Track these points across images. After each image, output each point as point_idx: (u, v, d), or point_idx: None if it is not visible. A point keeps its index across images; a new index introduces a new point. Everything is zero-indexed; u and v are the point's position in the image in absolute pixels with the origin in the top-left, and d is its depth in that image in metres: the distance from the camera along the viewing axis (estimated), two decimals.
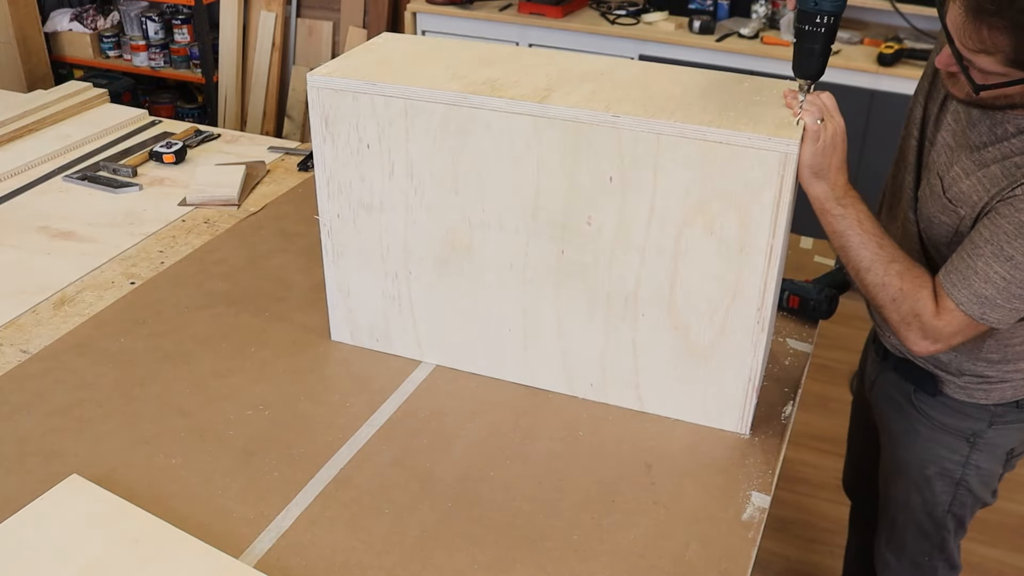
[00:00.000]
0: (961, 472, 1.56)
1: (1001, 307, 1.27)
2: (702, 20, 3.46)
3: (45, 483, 1.28)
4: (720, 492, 1.30)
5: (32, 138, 2.35)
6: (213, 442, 1.38)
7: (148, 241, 1.92)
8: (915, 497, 1.63)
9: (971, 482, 1.57)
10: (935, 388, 1.52)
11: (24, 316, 1.67)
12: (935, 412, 1.54)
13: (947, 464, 1.57)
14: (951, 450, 1.55)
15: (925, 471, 1.59)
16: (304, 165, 2.25)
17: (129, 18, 4.28)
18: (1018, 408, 1.50)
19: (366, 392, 1.49)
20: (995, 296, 1.27)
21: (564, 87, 1.32)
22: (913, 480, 1.62)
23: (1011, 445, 1.54)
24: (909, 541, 1.69)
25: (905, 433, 1.60)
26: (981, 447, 1.53)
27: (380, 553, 1.19)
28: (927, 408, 1.55)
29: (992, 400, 1.49)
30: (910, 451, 1.60)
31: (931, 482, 1.60)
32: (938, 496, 1.60)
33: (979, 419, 1.51)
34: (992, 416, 1.50)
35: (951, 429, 1.54)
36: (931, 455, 1.57)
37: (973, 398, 1.49)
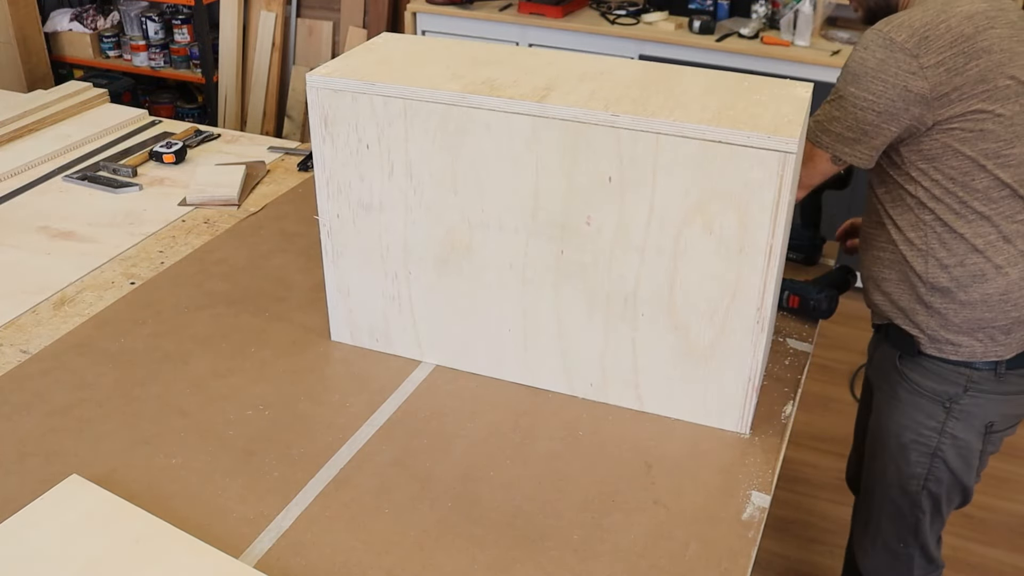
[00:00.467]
0: (937, 440, 1.60)
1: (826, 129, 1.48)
2: (702, 20, 3.46)
3: (45, 483, 1.28)
4: (720, 492, 1.30)
5: (32, 138, 2.35)
6: (213, 442, 1.38)
7: (148, 241, 1.92)
8: (891, 469, 1.67)
9: (947, 453, 1.60)
10: (914, 348, 1.58)
11: (24, 316, 1.67)
12: (915, 375, 1.60)
13: (923, 431, 1.61)
14: (927, 415, 1.60)
15: (901, 439, 1.64)
16: (304, 165, 2.25)
17: (129, 18, 4.28)
18: (996, 377, 1.54)
19: (366, 392, 1.49)
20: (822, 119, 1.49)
21: (563, 87, 1.32)
22: (890, 450, 1.66)
23: (989, 418, 1.58)
24: (884, 522, 1.72)
25: (888, 401, 1.66)
26: (957, 414, 1.58)
27: (380, 553, 1.19)
28: (908, 371, 1.61)
29: (962, 357, 1.54)
30: (890, 419, 1.66)
31: (906, 450, 1.64)
32: (913, 467, 1.64)
33: (955, 383, 1.56)
34: (968, 381, 1.55)
35: (928, 393, 1.59)
36: (909, 420, 1.63)
37: (944, 353, 1.55)
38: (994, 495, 2.60)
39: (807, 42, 3.36)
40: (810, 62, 3.31)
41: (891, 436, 1.66)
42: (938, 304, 1.54)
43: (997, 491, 2.61)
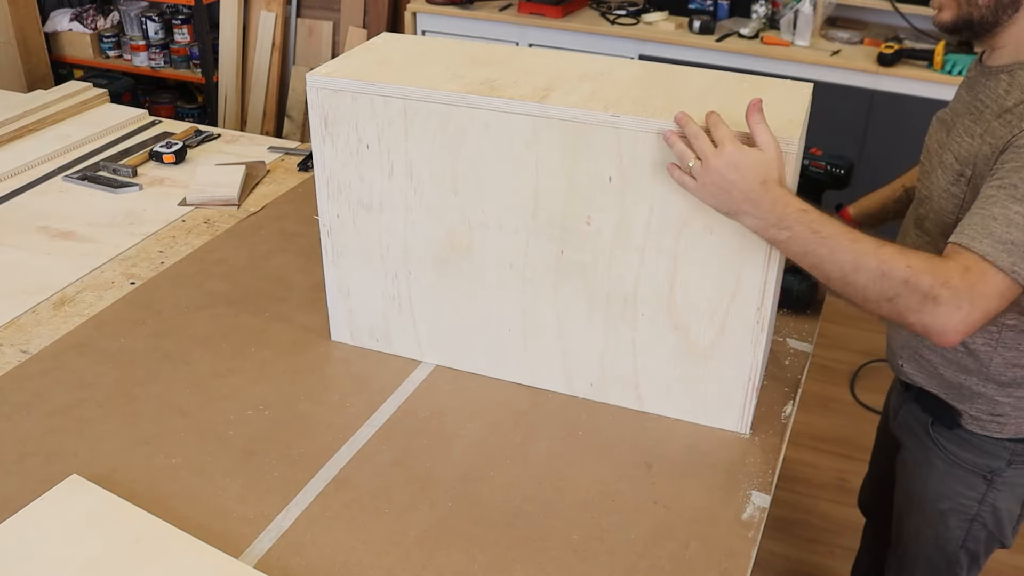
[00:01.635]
0: (977, 509, 1.50)
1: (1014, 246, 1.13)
2: (702, 20, 3.46)
3: (45, 483, 1.28)
4: (720, 492, 1.30)
5: (32, 138, 2.35)
6: (213, 442, 1.38)
7: (148, 241, 1.92)
8: (927, 531, 1.58)
9: (986, 519, 1.52)
10: (952, 420, 1.46)
11: (24, 316, 1.67)
12: (952, 445, 1.49)
13: (962, 500, 1.51)
14: (967, 486, 1.49)
15: (940, 505, 1.54)
16: (304, 165, 2.25)
17: (129, 18, 4.29)
18: None
19: (366, 392, 1.49)
20: (1020, 238, 1.12)
21: (563, 87, 1.32)
22: (926, 514, 1.57)
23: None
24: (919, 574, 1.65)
25: (921, 466, 1.55)
26: (999, 486, 1.47)
27: (380, 553, 1.19)
28: (944, 441, 1.49)
29: (1007, 435, 1.43)
30: (926, 484, 1.55)
31: (945, 517, 1.54)
32: (952, 531, 1.55)
33: (998, 456, 1.45)
34: (1012, 454, 1.44)
35: (968, 465, 1.48)
36: (947, 490, 1.52)
37: (987, 431, 1.44)
38: None
39: (807, 42, 3.36)
40: (810, 62, 3.31)
41: (927, 502, 1.56)
42: (992, 393, 1.40)
43: None
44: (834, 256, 1.12)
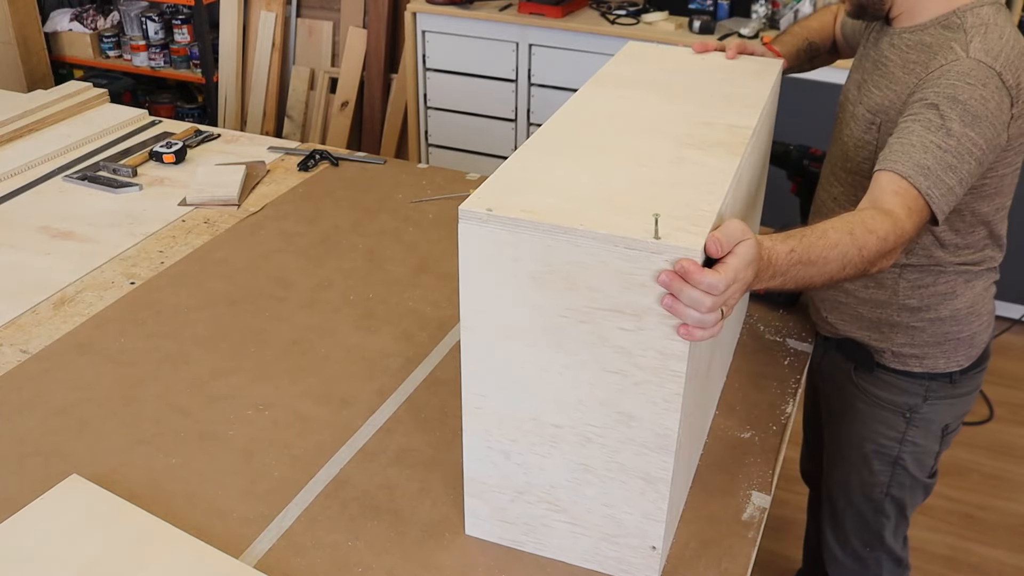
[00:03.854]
0: (898, 449, 1.60)
1: (940, 181, 1.25)
2: (702, 20, 3.46)
3: (45, 483, 1.28)
4: (720, 492, 1.30)
5: (32, 138, 2.35)
6: (213, 442, 1.38)
7: (148, 241, 1.92)
8: (854, 478, 1.67)
9: (907, 460, 1.61)
10: (873, 363, 1.57)
11: (24, 316, 1.67)
12: (873, 388, 1.59)
13: (884, 441, 1.61)
14: (888, 426, 1.59)
15: (863, 449, 1.63)
16: (304, 165, 2.25)
17: (129, 18, 4.28)
18: (951, 383, 1.55)
19: (366, 391, 1.49)
20: (935, 166, 1.25)
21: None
22: (852, 461, 1.66)
23: (945, 421, 1.59)
24: (850, 529, 1.72)
25: (845, 412, 1.64)
26: (917, 423, 1.58)
27: (380, 553, 1.19)
28: (865, 384, 1.60)
29: (925, 368, 1.54)
30: (850, 429, 1.65)
31: (869, 460, 1.63)
32: (876, 476, 1.64)
33: (914, 394, 1.56)
34: (926, 391, 1.55)
35: (888, 405, 1.58)
36: (869, 432, 1.61)
37: (907, 366, 1.54)
38: (994, 495, 2.60)
39: None
40: None
41: (852, 447, 1.65)
42: (907, 321, 1.52)
43: (997, 491, 2.61)
44: (824, 271, 1.16)
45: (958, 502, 2.58)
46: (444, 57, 3.79)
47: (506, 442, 1.14)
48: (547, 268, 1.00)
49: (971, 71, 1.28)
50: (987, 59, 1.29)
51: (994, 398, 3.01)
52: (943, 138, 1.26)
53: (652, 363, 1.01)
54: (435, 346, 1.61)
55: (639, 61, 1.50)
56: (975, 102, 1.27)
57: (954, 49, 1.32)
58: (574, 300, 1.01)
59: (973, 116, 1.26)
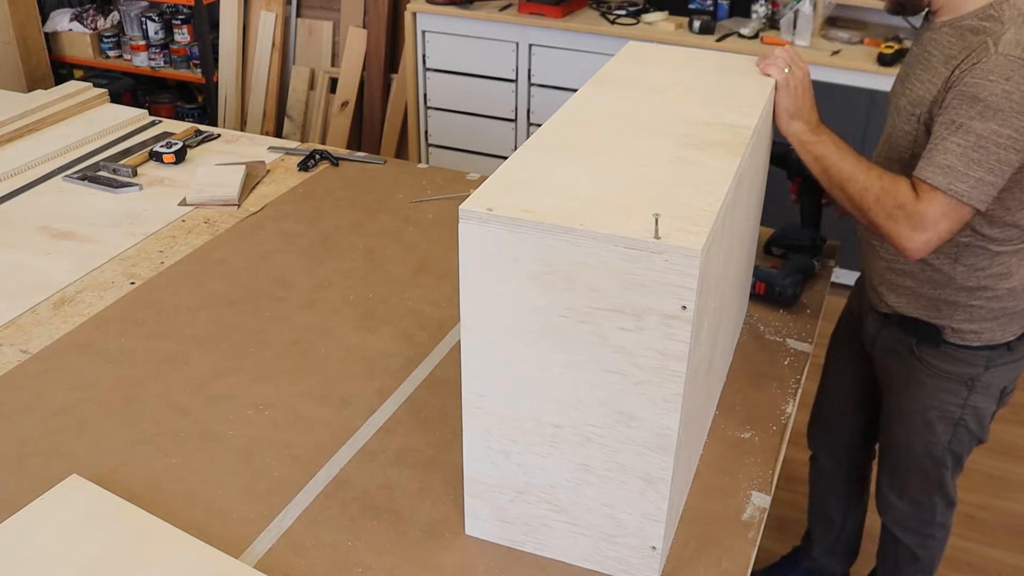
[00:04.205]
0: (960, 413, 1.69)
1: (964, 175, 1.36)
2: (702, 20, 3.46)
3: (45, 483, 1.28)
4: (720, 492, 1.30)
5: (32, 138, 2.35)
6: (213, 442, 1.38)
7: (148, 241, 1.92)
8: (917, 440, 1.75)
9: (968, 421, 1.70)
10: (937, 338, 1.64)
11: (24, 316, 1.67)
12: (936, 361, 1.66)
13: (948, 408, 1.69)
14: (952, 394, 1.67)
15: (927, 415, 1.71)
16: (304, 165, 2.25)
17: (129, 18, 4.28)
18: (1009, 350, 1.64)
19: (366, 391, 1.49)
20: (955, 163, 1.36)
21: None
22: (915, 425, 1.73)
23: (1003, 384, 1.69)
24: (911, 481, 1.81)
25: (908, 382, 1.72)
26: (979, 389, 1.66)
27: (380, 553, 1.19)
28: (929, 358, 1.67)
29: (984, 342, 1.62)
30: (914, 398, 1.72)
31: (932, 425, 1.71)
32: (939, 436, 1.72)
33: (976, 364, 1.64)
34: (987, 360, 1.64)
35: (952, 376, 1.66)
36: (934, 400, 1.69)
37: (966, 341, 1.62)
38: (994, 495, 2.60)
39: (807, 42, 3.36)
40: (810, 62, 3.30)
41: (915, 414, 1.73)
42: (965, 300, 1.59)
43: (997, 491, 2.61)
44: (839, 164, 1.46)
45: (958, 502, 2.58)
46: (444, 57, 3.79)
47: (506, 442, 1.14)
48: (547, 268, 1.00)
49: (995, 67, 1.34)
50: (1016, 51, 1.34)
51: None
52: (961, 136, 1.37)
53: (652, 363, 1.01)
54: (435, 346, 1.61)
55: (639, 61, 1.50)
56: (995, 97, 1.34)
57: (986, 44, 1.37)
58: (574, 300, 1.01)
59: (994, 111, 1.34)
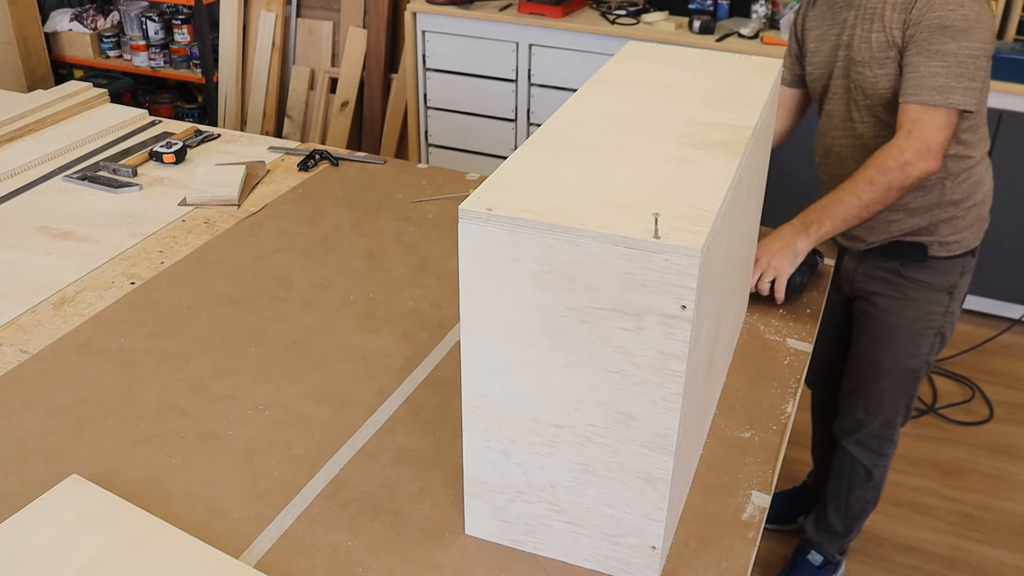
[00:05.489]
0: (941, 322, 1.89)
1: (954, 88, 1.61)
2: (702, 20, 3.46)
3: (45, 483, 1.28)
4: (720, 492, 1.30)
5: (32, 138, 2.35)
6: (213, 442, 1.38)
7: (148, 241, 1.92)
8: (902, 356, 1.92)
9: (946, 328, 1.91)
10: (923, 254, 1.84)
11: (24, 316, 1.67)
12: (922, 276, 1.86)
13: (933, 318, 1.88)
14: (936, 303, 1.87)
15: (914, 328, 1.89)
16: (304, 165, 2.25)
17: (129, 18, 4.28)
18: (973, 256, 1.87)
19: (366, 391, 1.49)
20: (946, 82, 1.61)
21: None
22: (903, 342, 1.91)
23: (966, 288, 1.90)
24: (887, 399, 1.98)
25: (895, 302, 1.89)
26: (956, 295, 1.88)
27: (380, 553, 1.19)
28: (915, 274, 1.86)
29: (963, 249, 1.83)
30: (901, 316, 1.90)
31: (918, 338, 1.90)
32: (922, 348, 1.91)
33: (954, 272, 1.85)
34: (962, 267, 1.85)
35: (936, 286, 1.86)
36: (921, 313, 1.88)
37: (951, 251, 1.83)
38: (994, 495, 2.60)
39: None
40: None
41: (902, 330, 1.90)
42: (952, 213, 1.79)
43: (997, 491, 2.61)
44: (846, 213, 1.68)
45: (958, 502, 2.58)
46: (444, 57, 3.79)
47: (506, 442, 1.14)
48: (547, 268, 1.00)
49: None
50: None
51: (994, 398, 3.01)
52: (941, 59, 1.61)
53: (652, 363, 1.01)
54: (435, 346, 1.61)
55: (639, 61, 1.50)
56: (960, 21, 1.59)
57: None
58: (574, 300, 1.01)
59: (963, 32, 1.59)
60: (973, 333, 3.21)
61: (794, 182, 3.19)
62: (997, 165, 3.24)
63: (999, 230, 2.50)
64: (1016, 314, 3.32)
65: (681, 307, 0.97)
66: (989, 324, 3.30)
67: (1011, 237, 3.18)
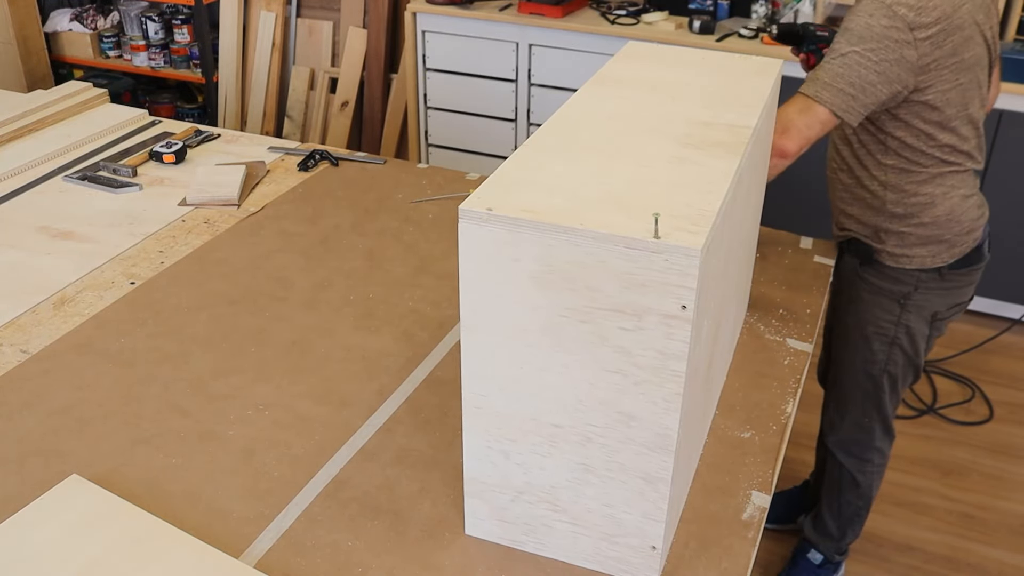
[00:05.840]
0: (894, 331, 1.89)
1: (828, 85, 1.63)
2: (702, 20, 3.46)
3: (45, 483, 1.28)
4: (720, 492, 1.30)
5: (32, 138, 2.35)
6: (213, 442, 1.38)
7: (148, 241, 1.92)
8: (857, 359, 1.96)
9: (902, 340, 1.90)
10: (871, 257, 1.86)
11: (24, 316, 1.67)
12: (873, 278, 1.88)
13: (882, 324, 1.90)
14: (885, 310, 1.89)
15: (865, 331, 1.92)
16: (304, 165, 2.25)
17: (129, 18, 4.28)
18: (940, 277, 1.83)
19: (366, 391, 1.49)
20: (823, 76, 1.64)
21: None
22: (855, 342, 1.95)
23: (935, 309, 1.88)
24: (851, 401, 2.01)
25: (851, 301, 1.94)
26: (910, 308, 1.87)
27: (380, 553, 1.19)
28: (868, 276, 1.89)
29: (915, 266, 1.83)
30: (855, 316, 1.94)
31: (870, 341, 1.92)
32: (876, 355, 1.93)
33: (907, 284, 1.85)
34: (917, 281, 1.84)
35: (886, 292, 1.87)
36: (870, 316, 1.91)
37: (900, 264, 1.83)
38: (994, 495, 2.60)
39: None
40: None
41: (855, 330, 1.94)
42: (897, 226, 1.81)
43: (997, 491, 2.61)
44: None
45: (958, 502, 2.58)
46: (444, 57, 3.79)
47: (506, 442, 1.14)
48: (547, 268, 1.00)
49: (864, 6, 1.62)
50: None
51: (994, 398, 3.01)
52: (831, 57, 1.64)
53: (652, 363, 1.01)
54: (435, 346, 1.61)
55: (639, 61, 1.50)
56: (861, 27, 1.61)
57: None
58: (574, 300, 1.01)
59: (859, 37, 1.61)
60: (973, 333, 3.21)
61: (794, 182, 3.19)
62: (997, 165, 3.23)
63: (999, 230, 2.49)
64: (1016, 314, 3.32)
65: (681, 307, 0.97)
66: (989, 324, 3.30)
67: (1011, 237, 3.18)
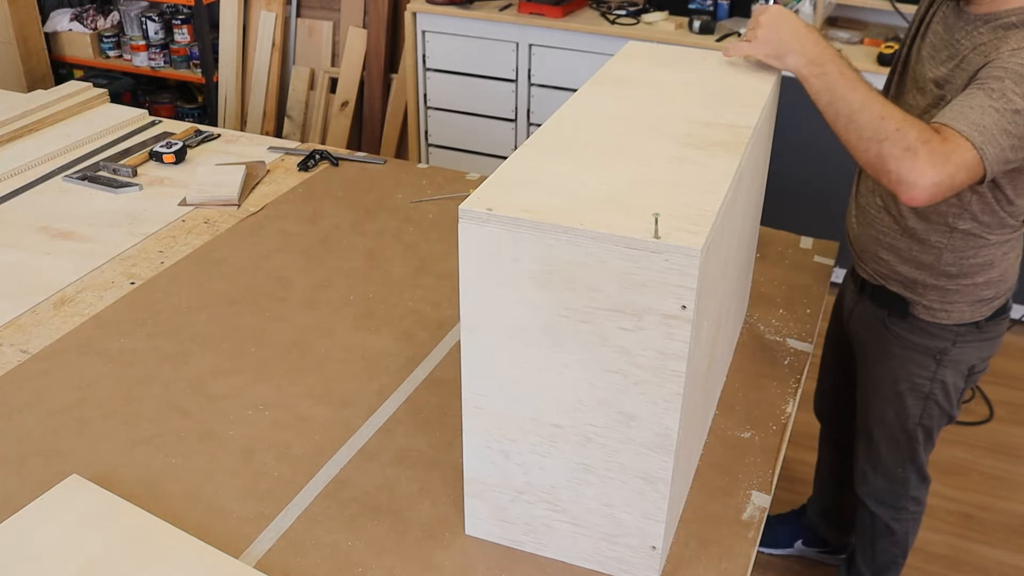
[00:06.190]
0: (929, 387, 1.73)
1: (995, 140, 1.31)
2: (702, 20, 3.46)
3: (45, 483, 1.28)
4: (720, 492, 1.30)
5: (32, 138, 2.35)
6: (213, 442, 1.38)
7: (148, 241, 1.92)
8: (889, 412, 1.80)
9: (938, 395, 1.74)
10: (905, 311, 1.68)
11: (24, 316, 1.67)
12: (906, 333, 1.70)
13: (917, 380, 1.73)
14: (920, 367, 1.72)
15: (898, 387, 1.76)
16: (304, 165, 2.25)
17: (129, 18, 4.28)
18: (978, 329, 1.67)
19: (366, 391, 1.49)
20: (991, 127, 1.31)
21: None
22: (887, 396, 1.78)
23: (972, 362, 1.72)
24: (884, 454, 1.85)
25: (880, 354, 1.77)
26: (946, 364, 1.70)
27: (380, 553, 1.19)
28: (899, 330, 1.71)
29: (953, 320, 1.65)
30: (885, 370, 1.77)
31: (903, 397, 1.76)
32: (909, 410, 1.77)
33: (944, 339, 1.68)
34: (955, 336, 1.67)
35: (920, 348, 1.70)
36: (903, 372, 1.74)
37: (936, 319, 1.66)
38: (994, 495, 2.60)
39: None
40: None
41: (887, 385, 1.77)
42: (944, 284, 1.62)
43: (997, 491, 2.61)
44: (849, 96, 1.34)
45: (958, 502, 2.58)
46: (444, 57, 3.78)
47: (506, 442, 1.14)
48: (547, 268, 1.00)
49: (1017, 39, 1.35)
50: None
51: (994, 398, 3.01)
52: (1002, 104, 1.31)
53: (652, 363, 1.01)
54: (435, 346, 1.61)
55: (639, 61, 1.50)
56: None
57: None
58: (574, 300, 1.01)
59: None
60: None
61: (794, 182, 3.19)
62: None
63: None
64: (1016, 314, 3.32)
65: (681, 307, 0.97)
66: None
67: None
